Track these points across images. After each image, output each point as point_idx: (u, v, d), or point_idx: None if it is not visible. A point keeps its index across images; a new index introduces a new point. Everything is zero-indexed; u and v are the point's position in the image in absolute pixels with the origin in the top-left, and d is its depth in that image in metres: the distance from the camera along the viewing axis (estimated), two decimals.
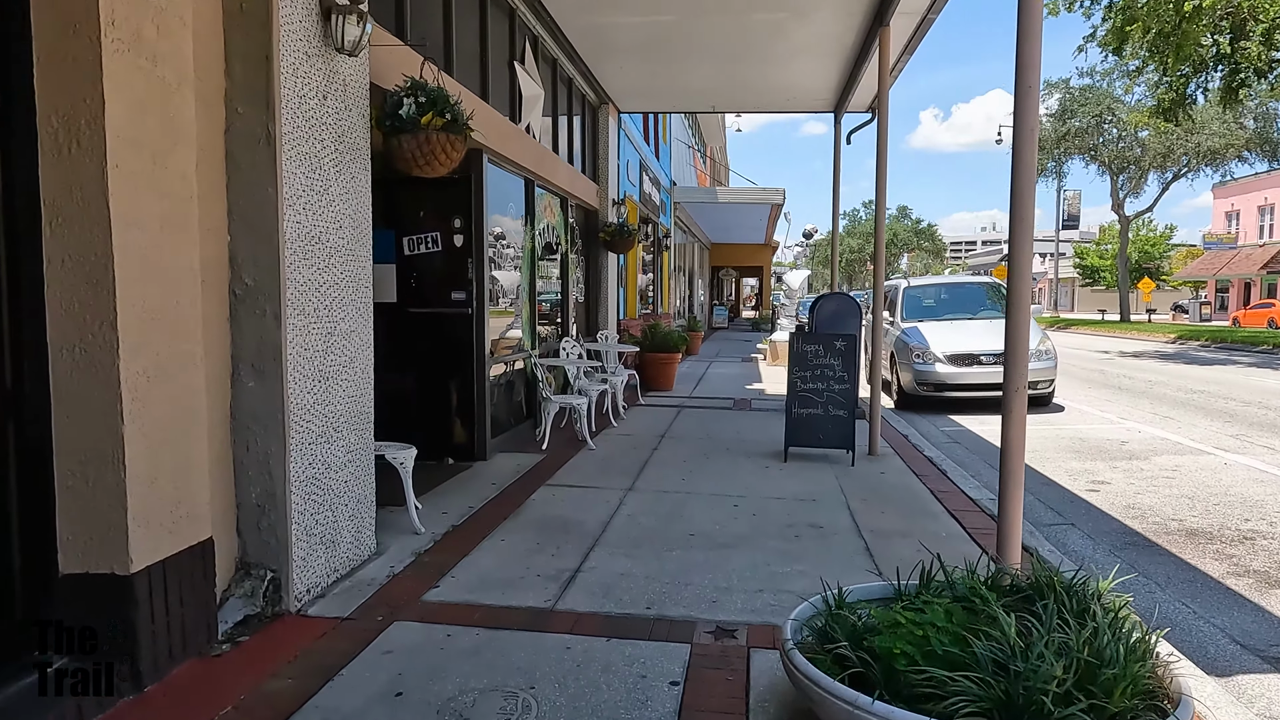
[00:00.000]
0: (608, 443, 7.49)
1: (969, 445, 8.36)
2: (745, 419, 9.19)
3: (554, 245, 8.83)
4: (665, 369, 11.54)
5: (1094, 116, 29.98)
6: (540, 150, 7.86)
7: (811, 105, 10.70)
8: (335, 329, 3.78)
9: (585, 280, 10.49)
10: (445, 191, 6.35)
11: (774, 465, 6.61)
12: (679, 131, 20.83)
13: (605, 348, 9.58)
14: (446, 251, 6.35)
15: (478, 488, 5.69)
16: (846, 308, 9.33)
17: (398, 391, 6.54)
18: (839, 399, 6.76)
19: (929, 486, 5.96)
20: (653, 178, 15.50)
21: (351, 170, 3.93)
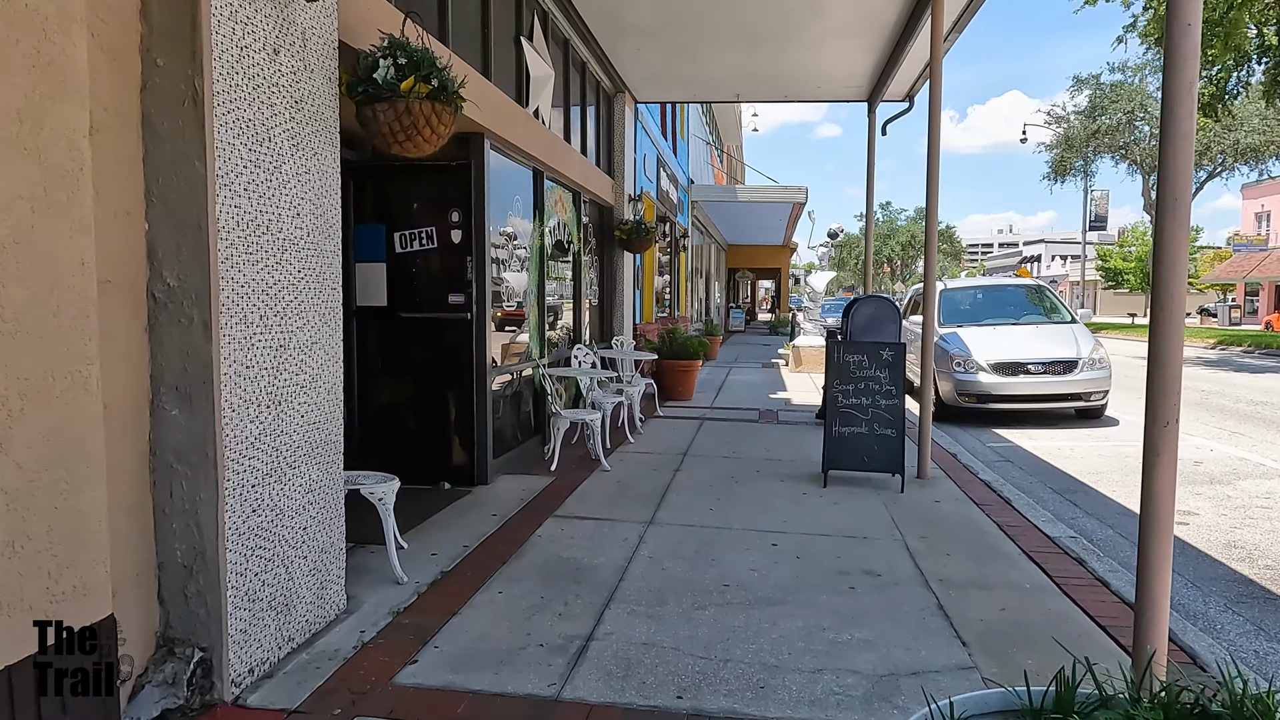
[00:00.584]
0: (624, 463, 6.74)
1: (1022, 464, 7.55)
2: (773, 434, 8.41)
3: (565, 244, 8.10)
4: (685, 377, 10.78)
5: (1126, 113, 28.95)
6: (550, 138, 7.14)
7: (843, 93, 9.92)
8: (290, 340, 3.05)
9: (599, 282, 9.76)
10: (441, 180, 5.63)
11: (812, 491, 5.84)
12: (696, 128, 20.07)
13: (621, 355, 8.83)
14: (443, 249, 5.63)
15: (476, 519, 4.95)
16: (884, 312, 8.55)
17: (387, 407, 5.82)
18: (886, 416, 5.98)
19: (994, 519, 5.16)
20: (670, 174, 14.76)
21: (314, 145, 3.20)
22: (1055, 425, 9.56)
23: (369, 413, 5.80)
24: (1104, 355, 9.67)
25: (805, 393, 12.09)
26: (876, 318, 8.52)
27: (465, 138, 5.58)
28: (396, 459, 5.75)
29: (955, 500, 5.66)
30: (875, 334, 8.52)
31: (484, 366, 5.69)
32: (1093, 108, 29.53)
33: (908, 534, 4.80)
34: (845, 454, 5.99)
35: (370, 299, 5.69)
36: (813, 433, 8.45)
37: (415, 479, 5.66)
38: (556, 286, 7.87)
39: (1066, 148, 31.26)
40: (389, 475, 3.99)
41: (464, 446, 5.75)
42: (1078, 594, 3.87)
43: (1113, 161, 31.89)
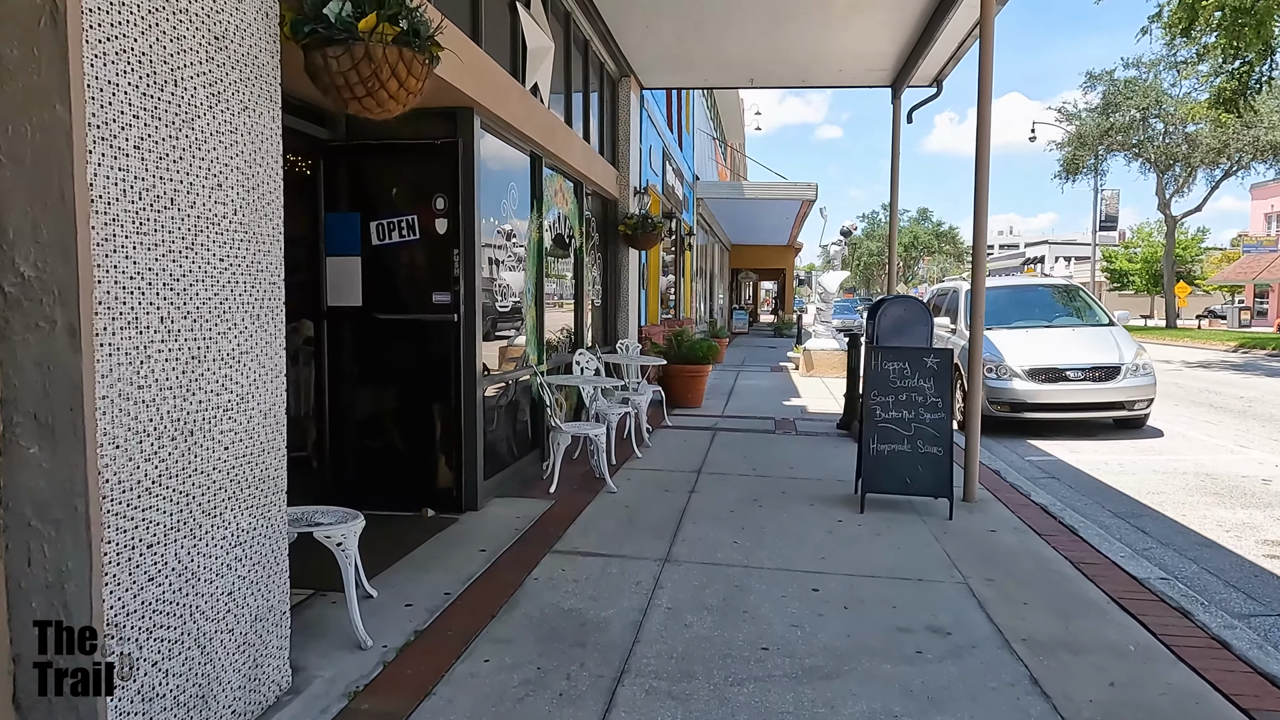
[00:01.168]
0: (632, 482, 6.01)
1: (1071, 482, 6.82)
2: (793, 446, 7.69)
3: (566, 238, 7.38)
4: (694, 383, 10.06)
5: (1140, 110, 28.19)
6: (550, 119, 6.42)
7: (866, 78, 9.20)
8: (208, 350, 2.33)
9: (602, 281, 9.03)
10: (425, 161, 4.91)
11: (849, 518, 5.11)
12: (702, 122, 19.37)
13: (627, 360, 8.11)
14: (426, 241, 4.90)
15: (461, 556, 4.22)
16: (913, 313, 7.82)
17: (363, 422, 5.10)
18: (931, 432, 5.26)
19: (1064, 554, 4.44)
20: (676, 169, 14.05)
21: (243, 97, 2.48)
22: (1095, 436, 8.84)
23: (342, 428, 5.07)
24: (1148, 360, 8.94)
25: (820, 399, 11.37)
26: (905, 320, 7.81)
27: (452, 113, 4.86)
28: (373, 481, 5.04)
29: (1013, 530, 4.93)
30: (904, 337, 7.81)
31: (473, 375, 4.96)
32: (1106, 104, 28.76)
33: (969, 574, 4.08)
34: (885, 475, 5.27)
35: (343, 298, 4.97)
36: (836, 445, 7.74)
37: (395, 504, 4.95)
38: (556, 285, 7.15)
39: (1079, 145, 30.51)
40: (351, 512, 3.26)
41: (450, 466, 5.02)
42: (1197, 660, 3.14)
43: (1125, 160, 31.15)
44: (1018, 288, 10.89)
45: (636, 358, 8.41)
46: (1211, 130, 26.15)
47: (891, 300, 7.95)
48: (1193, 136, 28.20)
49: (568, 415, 7.33)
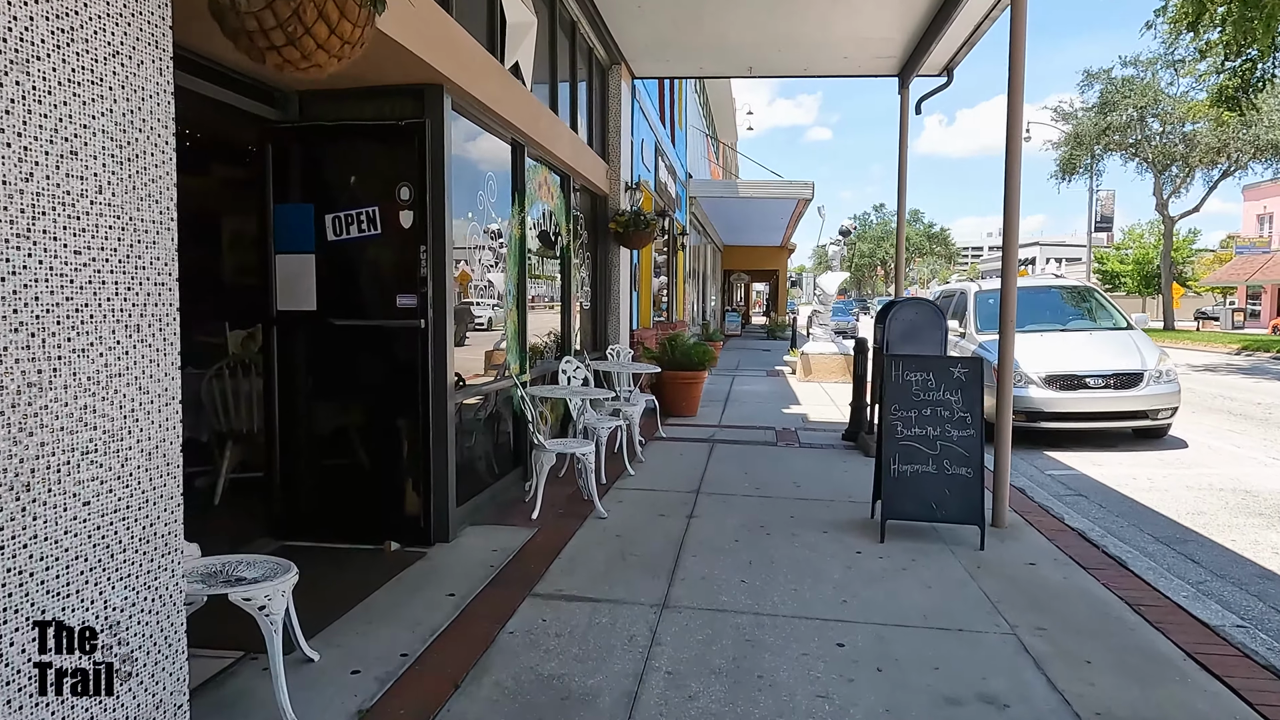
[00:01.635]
0: (624, 504, 5.43)
1: (1100, 500, 6.28)
2: (798, 460, 7.12)
3: (552, 236, 6.79)
4: (688, 391, 9.48)
5: (1138, 109, 27.78)
6: (533, 105, 5.83)
7: (873, 66, 8.65)
8: (56, 375, 1.73)
9: (592, 282, 8.45)
10: (388, 145, 4.31)
11: (868, 548, 4.54)
12: (694, 118, 18.82)
13: (618, 368, 7.52)
14: (390, 236, 4.31)
15: (426, 602, 3.63)
16: (926, 317, 7.29)
17: (318, 441, 4.50)
18: (960, 451, 4.69)
19: (1119, 594, 3.88)
20: (669, 165, 13.48)
21: (110, 36, 1.88)
22: (1116, 447, 8.32)
23: (294, 449, 4.47)
24: (1171, 367, 8.43)
25: (821, 406, 10.82)
26: (917, 325, 7.27)
27: (418, 90, 4.27)
28: (330, 509, 4.44)
29: (1054, 562, 4.37)
30: (916, 343, 7.27)
31: (444, 387, 4.37)
32: (1103, 103, 28.34)
33: (1017, 623, 3.51)
34: (908, 499, 4.70)
35: (295, 301, 4.36)
36: (843, 459, 7.17)
37: (354, 535, 4.35)
38: (541, 287, 6.56)
39: (1076, 145, 30.10)
40: (281, 564, 2.66)
41: (417, 492, 4.42)
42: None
43: (1121, 160, 30.79)
44: (1028, 289, 10.33)
45: (628, 364, 7.83)
46: (1211, 129, 25.78)
47: (902, 303, 7.41)
48: (1190, 136, 27.84)
49: (554, 428, 6.74)
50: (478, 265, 5.02)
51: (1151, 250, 55.78)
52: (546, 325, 6.83)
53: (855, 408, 8.11)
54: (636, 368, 7.58)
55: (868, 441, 7.44)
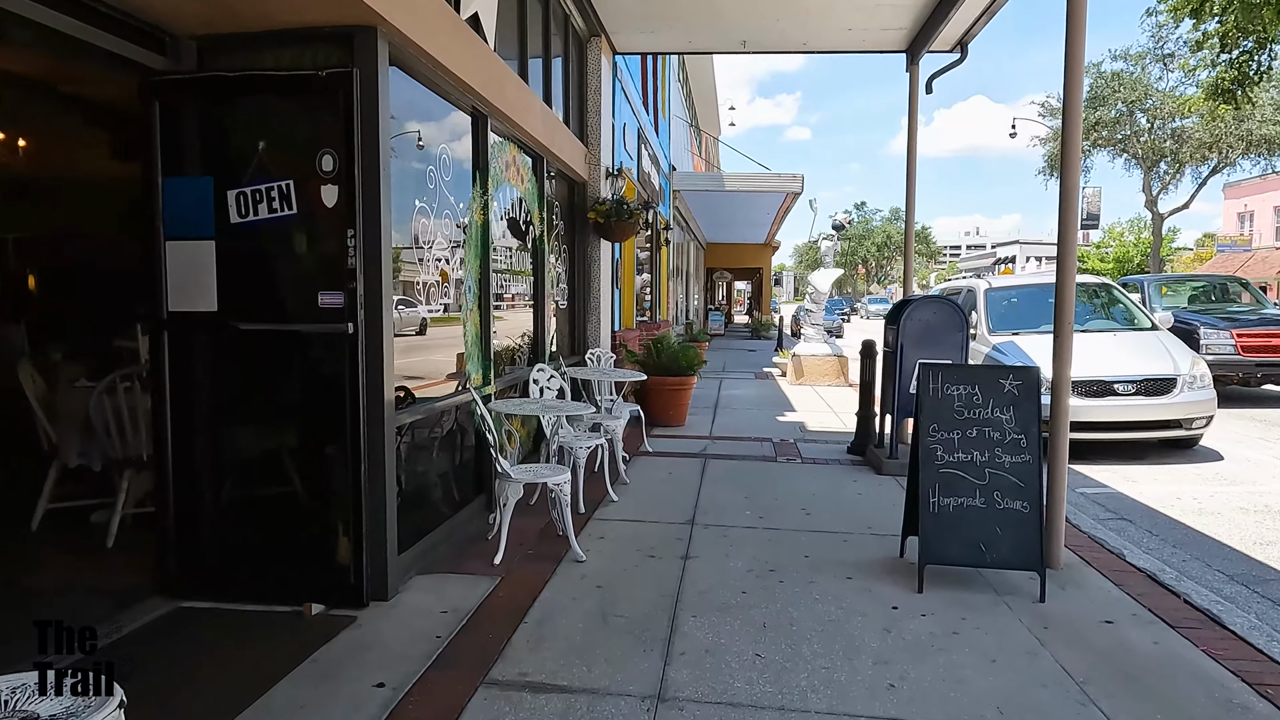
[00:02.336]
0: (607, 542, 4.57)
1: (1148, 525, 5.52)
2: (802, 479, 6.29)
3: (522, 225, 5.92)
4: (677, 398, 8.64)
5: (1128, 104, 27.30)
6: (498, 67, 4.96)
7: (879, 41, 7.85)
8: None
9: (569, 278, 7.58)
10: (306, 104, 3.44)
11: (905, 601, 3.72)
12: (678, 108, 17.99)
13: (599, 375, 6.66)
14: (309, 217, 3.42)
15: (344, 702, 2.74)
16: (944, 318, 6.53)
17: (221, 474, 3.60)
18: (1014, 482, 3.89)
19: (1231, 668, 3.08)
20: (652, 155, 12.63)
21: None
22: (1146, 459, 7.58)
23: (192, 485, 3.56)
24: (1205, 371, 7.70)
25: (818, 413, 10.01)
26: (934, 326, 6.50)
27: (347, 34, 3.39)
28: (237, 560, 3.55)
29: (1134, 619, 3.57)
30: (933, 346, 6.49)
31: (380, 406, 3.48)
32: (1093, 97, 27.85)
33: (1115, 715, 2.70)
34: (951, 540, 3.88)
35: (191, 300, 3.46)
36: (853, 477, 6.36)
37: (267, 594, 3.47)
38: (509, 283, 5.68)
39: None
40: (93, 702, 1.77)
41: (348, 537, 3.53)
42: None
43: (1109, 157, 30.37)
44: (1043, 286, 9.57)
45: (610, 371, 6.96)
46: (1203, 124, 25.35)
47: (918, 302, 6.62)
48: (1179, 131, 27.42)
49: (526, 445, 5.87)
50: (427, 255, 4.14)
51: (1132, 248, 55.77)
52: (517, 327, 5.95)
53: (862, 418, 7.31)
54: (619, 375, 6.72)
55: (878, 456, 6.64)
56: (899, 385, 6.48)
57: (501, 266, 5.45)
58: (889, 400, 6.74)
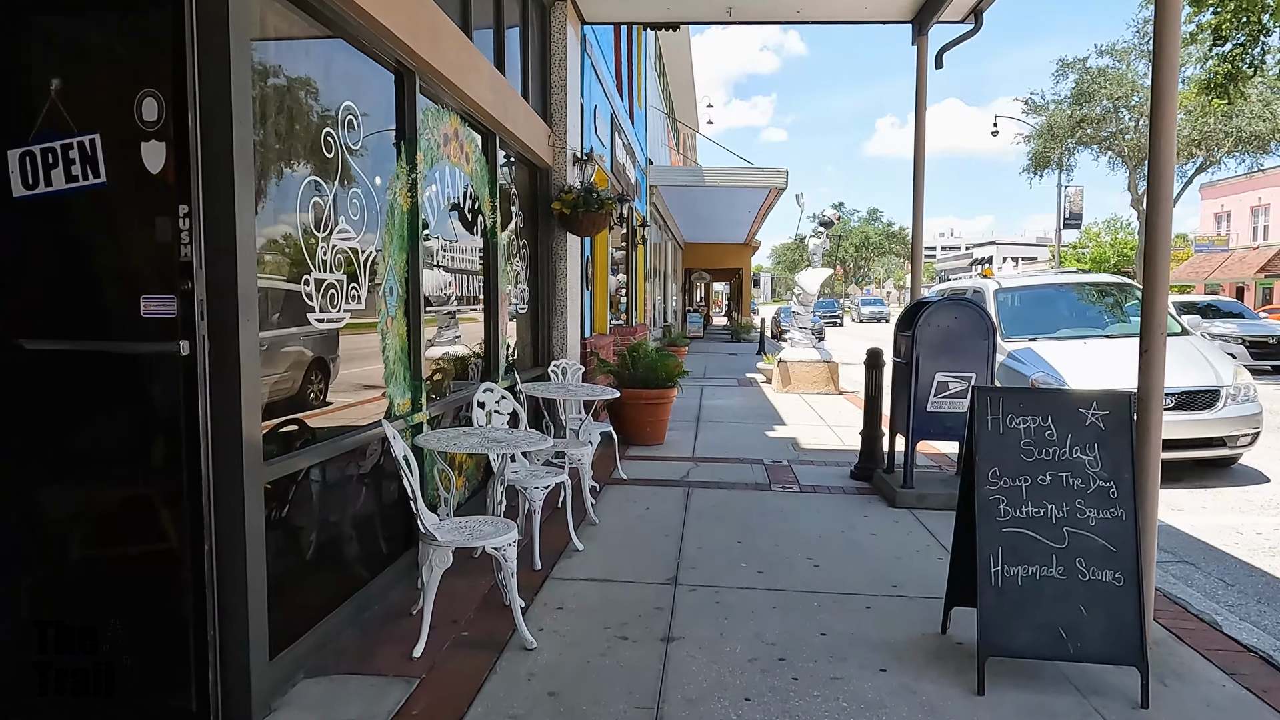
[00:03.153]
0: (565, 616, 3.56)
1: (1218, 570, 4.63)
2: (804, 514, 5.33)
3: (468, 213, 4.90)
4: (655, 413, 7.65)
5: (1114, 100, 26.74)
6: (429, 13, 3.94)
7: (882, 9, 6.92)
8: None
9: (532, 278, 6.57)
10: (116, 26, 2.39)
11: (965, 714, 2.75)
12: (654, 98, 17.03)
13: (564, 391, 5.65)
14: (125, 188, 2.38)
15: None
16: (967, 323, 5.62)
17: (6, 555, 2.53)
18: (1102, 545, 2.94)
19: None
20: (627, 144, 11.64)
21: None
22: (1181, 481, 6.71)
23: None
24: (1249, 381, 6.85)
25: (810, 427, 9.07)
26: (956, 333, 5.58)
27: None
28: (27, 679, 2.49)
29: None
30: (955, 358, 5.58)
31: (233, 455, 2.45)
32: (1079, 92, 27.27)
33: None
34: (1020, 623, 2.91)
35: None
36: (862, 510, 5.41)
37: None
38: (452, 283, 4.66)
39: (1050, 138, 29.02)
40: None
41: (186, 642, 2.49)
42: None
43: (1093, 155, 29.85)
44: (1059, 286, 8.70)
45: (578, 387, 5.96)
46: (1191, 121, 24.84)
47: (937, 306, 5.68)
48: None
49: (472, 482, 4.85)
50: (323, 242, 3.11)
51: (1109, 249, 55.69)
52: (463, 337, 4.93)
53: (868, 438, 6.37)
54: (588, 392, 5.71)
55: (889, 484, 5.70)
56: (914, 402, 5.55)
57: (440, 262, 4.44)
58: (901, 419, 5.81)
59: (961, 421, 5.63)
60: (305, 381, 3.09)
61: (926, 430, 5.59)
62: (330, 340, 3.22)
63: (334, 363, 3.31)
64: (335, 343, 3.26)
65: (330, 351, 3.25)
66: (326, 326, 3.15)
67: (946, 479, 5.94)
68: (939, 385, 5.54)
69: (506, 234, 5.73)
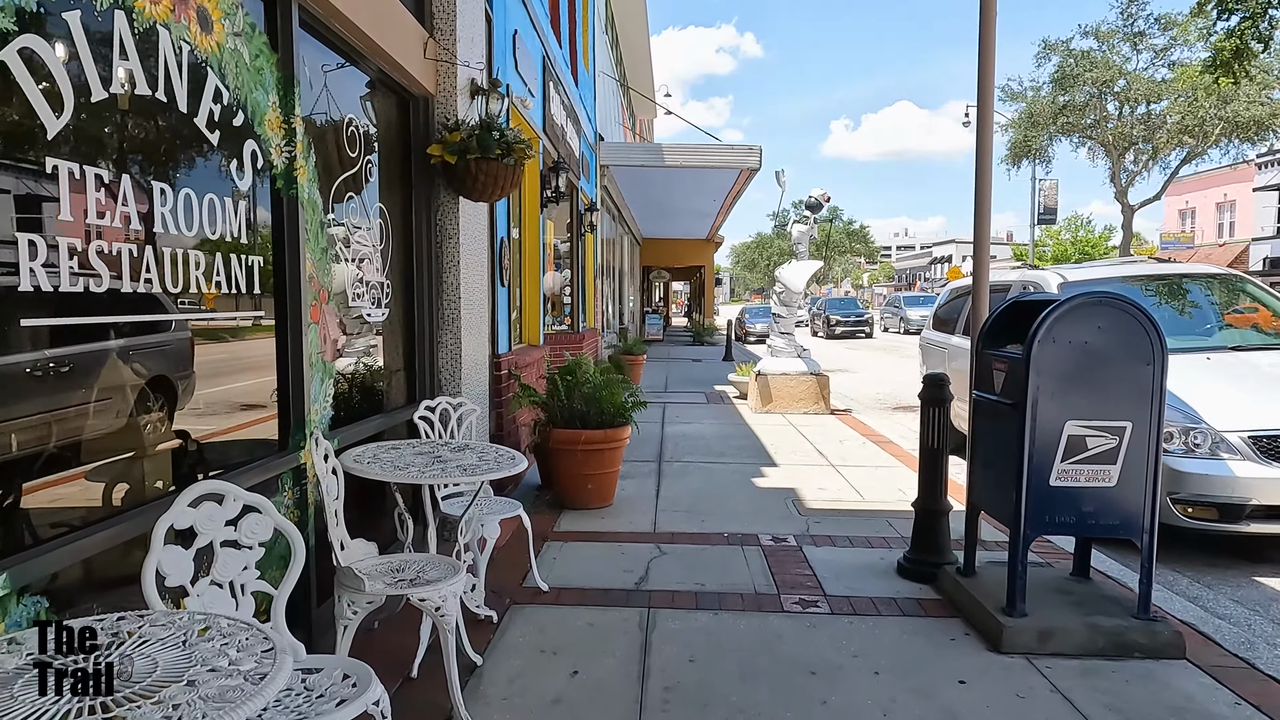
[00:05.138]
0: None
1: None
2: (854, 675, 3.02)
3: (206, 127, 2.48)
4: (599, 464, 5.29)
5: (1099, 85, 25.11)
6: None
7: None
8: None
9: (399, 263, 4.17)
10: None
11: None
12: (604, 63, 14.66)
13: (419, 474, 3.20)
14: None
15: None
16: (1117, 337, 3.35)
17: None
18: None
19: None
20: (568, 106, 9.25)
21: None
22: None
23: None
24: None
25: (809, 466, 6.81)
26: (1100, 356, 3.32)
27: None
28: None
29: None
30: (1099, 395, 3.34)
31: None
32: (1062, 76, 25.57)
33: None
34: None
35: None
36: (939, 652, 3.12)
37: None
38: (165, 271, 2.24)
39: (1030, 125, 27.32)
40: None
41: None
42: None
43: (1072, 145, 28.26)
44: (1141, 280, 6.51)
45: (460, 450, 3.53)
46: (1182, 107, 23.33)
47: (1069, 309, 3.37)
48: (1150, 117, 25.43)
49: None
50: None
51: (1070, 247, 54.87)
52: (219, 364, 2.52)
53: (927, 513, 4.10)
54: (468, 472, 3.25)
55: (972, 598, 3.46)
56: (1028, 470, 3.29)
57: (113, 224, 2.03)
58: (996, 493, 3.58)
59: (1109, 505, 3.37)
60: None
61: (1048, 517, 3.34)
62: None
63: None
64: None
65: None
66: None
67: (1069, 588, 3.68)
68: (1070, 443, 3.29)
69: (335, 187, 3.34)
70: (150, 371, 2.32)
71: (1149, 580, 3.30)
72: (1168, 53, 24.15)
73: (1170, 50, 23.95)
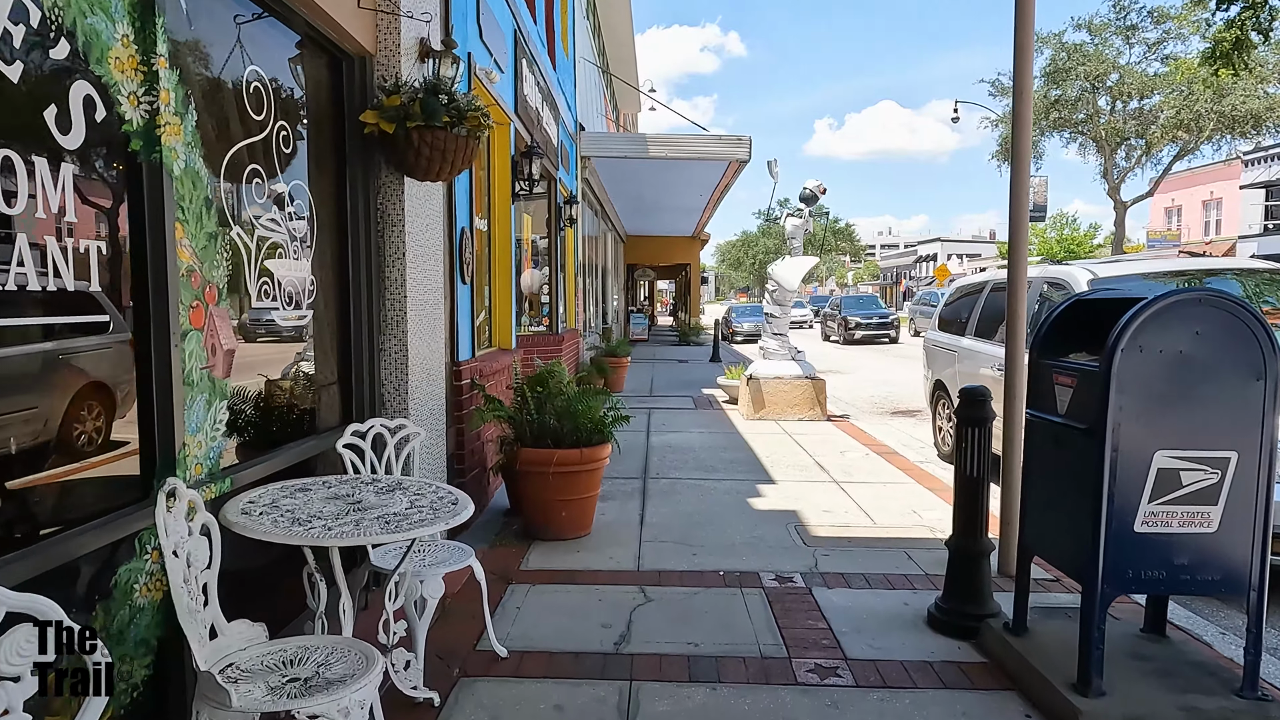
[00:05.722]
0: None
1: None
2: None
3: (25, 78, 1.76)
4: (574, 488, 4.59)
5: (1091, 79, 24.65)
6: None
7: None
8: None
9: (331, 256, 3.44)
10: None
11: None
12: (585, 49, 13.92)
13: (338, 530, 2.48)
14: None
15: None
16: (1218, 345, 2.64)
17: None
18: None
19: None
20: (543, 87, 8.52)
21: None
22: None
23: None
24: None
25: (811, 483, 6.14)
26: (1199, 367, 2.64)
27: None
28: None
29: None
30: (1194, 418, 2.65)
31: None
32: (1054, 70, 25.09)
33: None
34: None
35: None
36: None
37: None
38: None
39: None
40: None
41: None
42: None
43: (1062, 141, 27.83)
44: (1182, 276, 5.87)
45: (390, 492, 2.81)
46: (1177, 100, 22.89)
47: (1162, 307, 2.62)
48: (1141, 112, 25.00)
49: None
50: None
51: (1056, 245, 54.68)
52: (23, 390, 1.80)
53: (967, 555, 3.42)
54: (391, 518, 2.55)
55: (1029, 665, 2.77)
56: (1108, 513, 2.62)
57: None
58: (1057, 536, 2.91)
59: (1208, 556, 2.72)
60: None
61: (1131, 571, 2.67)
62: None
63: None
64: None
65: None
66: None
67: (1146, 650, 3.01)
68: (1160, 478, 2.62)
69: (230, 156, 2.61)
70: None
71: (1257, 650, 2.64)
72: (1160, 46, 23.73)
73: (1163, 44, 23.55)
